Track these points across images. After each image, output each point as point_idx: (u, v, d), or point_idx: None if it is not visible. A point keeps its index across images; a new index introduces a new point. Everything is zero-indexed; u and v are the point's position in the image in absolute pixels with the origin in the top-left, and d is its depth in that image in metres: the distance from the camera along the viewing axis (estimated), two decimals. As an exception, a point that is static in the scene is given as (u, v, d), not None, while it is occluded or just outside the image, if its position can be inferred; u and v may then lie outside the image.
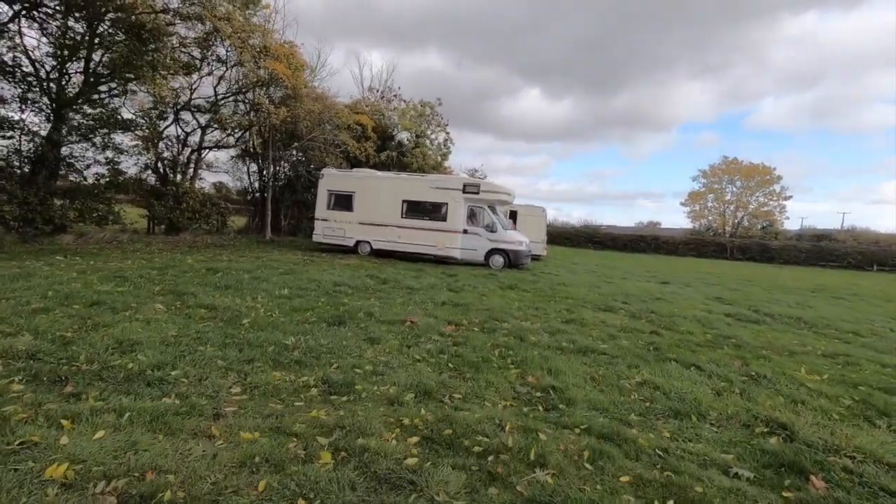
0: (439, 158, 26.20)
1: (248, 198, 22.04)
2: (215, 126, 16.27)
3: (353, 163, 21.59)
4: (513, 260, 15.75)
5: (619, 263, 25.41)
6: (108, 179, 14.41)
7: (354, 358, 4.88)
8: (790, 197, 50.52)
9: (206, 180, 18.77)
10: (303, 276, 9.90)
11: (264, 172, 21.07)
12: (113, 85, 14.41)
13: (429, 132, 25.61)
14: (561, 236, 41.76)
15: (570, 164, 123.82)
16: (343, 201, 17.26)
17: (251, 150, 21.36)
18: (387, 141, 24.79)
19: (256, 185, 21.80)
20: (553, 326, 6.93)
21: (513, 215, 21.44)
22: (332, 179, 17.39)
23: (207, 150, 17.93)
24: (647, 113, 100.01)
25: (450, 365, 4.95)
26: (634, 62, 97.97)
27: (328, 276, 10.20)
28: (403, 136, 25.02)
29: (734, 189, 52.90)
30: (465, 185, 15.86)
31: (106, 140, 14.96)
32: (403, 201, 16.48)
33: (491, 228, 15.82)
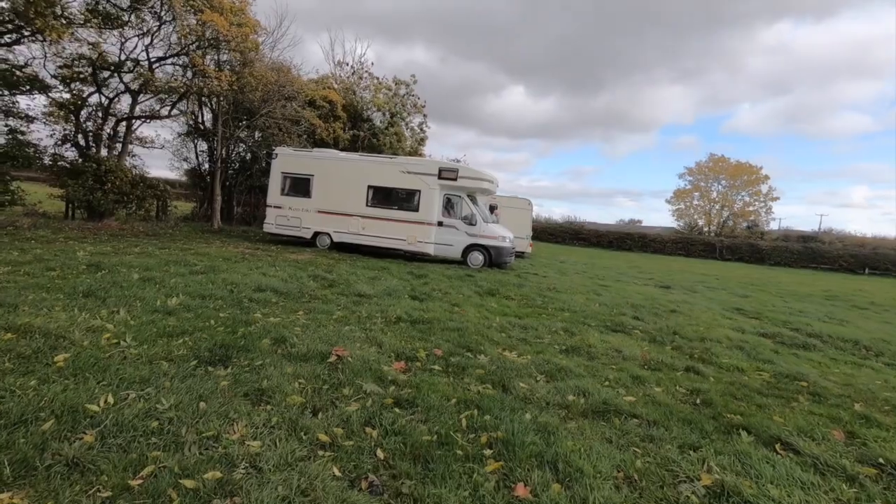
0: (416, 144, 23.86)
1: (197, 181, 19.39)
2: (142, 91, 13.64)
3: (320, 145, 19.17)
4: (494, 257, 13.62)
5: (609, 262, 23.57)
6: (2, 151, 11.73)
7: (201, 447, 2.65)
8: (777, 198, 49.70)
9: (140, 157, 16.10)
10: (220, 277, 7.57)
11: (215, 153, 18.46)
12: (12, 36, 11.72)
13: (404, 113, 23.22)
14: (545, 232, 39.92)
15: (551, 161, 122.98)
16: (299, 186, 14.87)
17: (201, 126, 18.71)
18: (358, 121, 22.36)
19: (207, 167, 19.15)
20: (550, 362, 4.78)
21: (495, 208, 19.32)
22: (287, 160, 14.96)
23: (140, 122, 15.28)
24: (626, 114, 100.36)
25: (378, 455, 2.76)
26: (615, 65, 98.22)
27: (256, 277, 7.88)
28: (376, 117, 22.59)
29: (720, 188, 51.93)
30: (440, 170, 13.62)
31: (8, 104, 12.28)
32: (369, 187, 14.17)
33: (470, 221, 13.65)
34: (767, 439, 3.48)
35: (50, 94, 13.78)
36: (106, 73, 14.05)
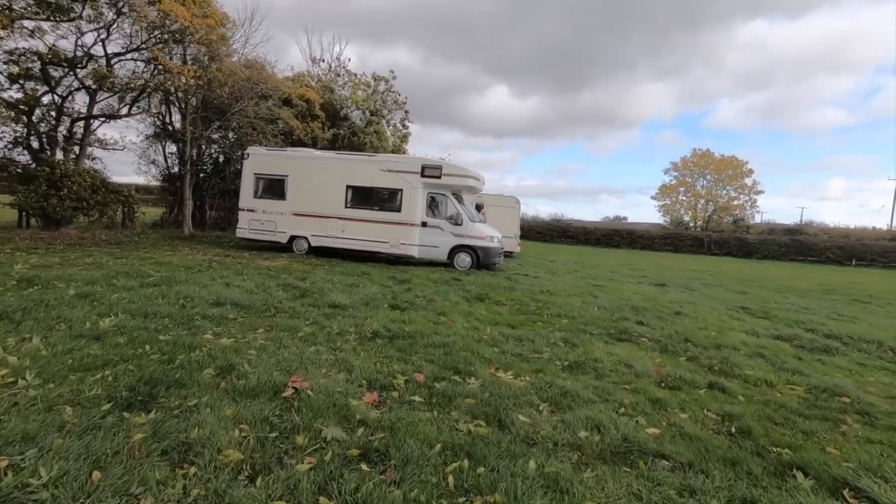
0: (398, 141, 23.02)
1: (166, 185, 18.30)
2: (99, 88, 12.60)
3: (299, 146, 18.25)
4: (482, 259, 12.89)
5: (599, 260, 23.01)
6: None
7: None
8: (762, 192, 49.84)
9: (101, 161, 14.97)
10: (175, 290, 6.69)
11: (185, 155, 17.43)
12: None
13: (384, 111, 22.37)
14: (532, 230, 39.33)
15: (537, 160, 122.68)
16: (273, 187, 13.97)
17: (169, 127, 17.66)
18: (337, 120, 21.46)
19: (176, 170, 18.09)
20: (553, 384, 4.03)
21: (481, 207, 18.60)
22: (260, 160, 14.05)
23: (100, 123, 14.21)
24: (610, 111, 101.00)
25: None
26: (598, 63, 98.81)
27: (217, 288, 7.03)
28: (355, 115, 21.72)
29: (705, 182, 51.93)
30: (423, 168, 12.84)
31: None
32: (348, 187, 13.33)
33: (455, 221, 12.89)
34: (831, 483, 2.78)
35: (-1, 94, 12.70)
36: (58, 70, 13.00)
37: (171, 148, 18.08)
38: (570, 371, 4.52)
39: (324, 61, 22.52)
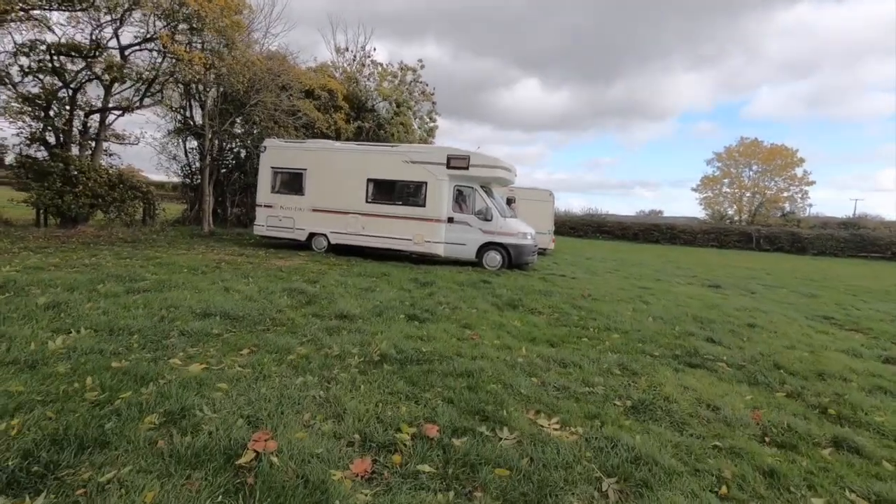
0: (425, 134, 22.02)
1: (188, 181, 17.88)
2: (111, 78, 12.06)
3: (320, 138, 17.51)
4: (514, 258, 11.74)
5: (639, 257, 21.44)
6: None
7: None
8: (813, 182, 46.45)
9: (118, 156, 14.53)
10: (163, 297, 5.88)
11: (205, 149, 16.93)
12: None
13: (411, 102, 21.38)
14: (565, 225, 37.70)
15: (566, 153, 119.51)
16: (291, 181, 13.20)
17: (191, 122, 17.20)
18: (361, 112, 20.63)
19: (198, 165, 17.63)
20: (616, 442, 2.92)
21: (512, 200, 17.42)
22: (277, 153, 13.30)
23: (115, 116, 13.77)
24: (643, 102, 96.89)
25: None
26: (631, 53, 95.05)
27: (211, 295, 6.18)
28: (381, 107, 20.82)
29: (751, 174, 48.88)
30: (449, 158, 11.78)
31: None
32: (369, 181, 12.42)
33: (485, 216, 11.78)
34: None
35: (16, 88, 12.36)
36: (75, 63, 12.56)
37: (193, 143, 17.63)
38: (636, 415, 3.39)
39: (348, 50, 21.71)
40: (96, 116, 13.45)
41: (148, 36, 12.84)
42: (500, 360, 4.42)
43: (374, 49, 21.15)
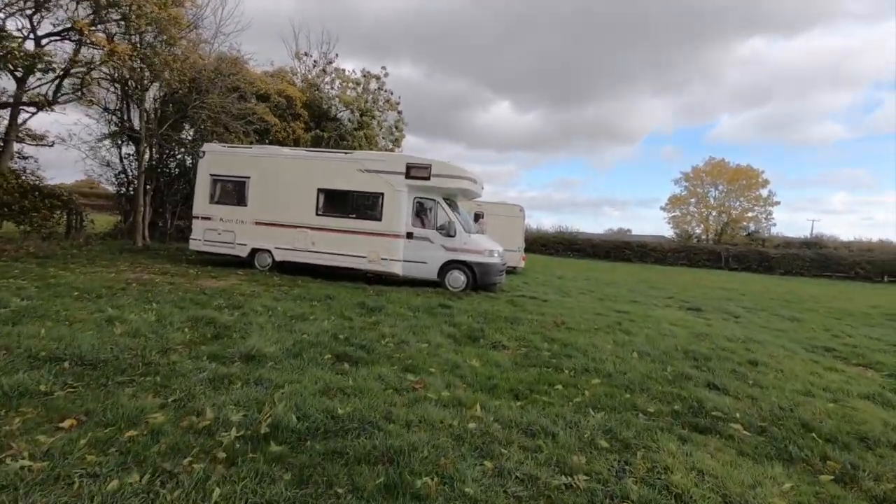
0: (390, 144, 20.90)
1: (122, 191, 16.09)
2: (23, 69, 10.44)
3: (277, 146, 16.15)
4: (479, 277, 10.59)
5: (611, 276, 20.68)
6: None
7: None
8: (778, 203, 47.44)
9: (33, 159, 12.75)
10: (15, 331, 4.45)
11: (146, 156, 15.29)
12: None
13: (375, 111, 20.26)
14: (537, 243, 37.00)
15: (538, 173, 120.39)
16: (233, 191, 11.79)
17: (126, 124, 15.55)
18: (323, 121, 19.37)
19: (135, 173, 15.92)
20: None
21: (480, 216, 16.39)
22: (218, 159, 11.88)
23: (31, 114, 12.06)
24: (611, 125, 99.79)
25: None
26: (599, 78, 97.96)
27: (81, 329, 4.77)
28: (344, 115, 19.62)
29: (717, 193, 49.67)
30: (409, 167, 10.63)
31: None
32: (320, 191, 11.14)
33: (448, 231, 10.62)
34: None
35: None
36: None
37: (131, 149, 15.94)
38: (639, 533, 2.21)
39: (309, 55, 20.49)
40: (5, 113, 11.74)
41: (69, 25, 11.31)
42: (444, 426, 3.20)
43: (337, 55, 19.75)
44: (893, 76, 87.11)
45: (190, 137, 16.64)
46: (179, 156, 16.57)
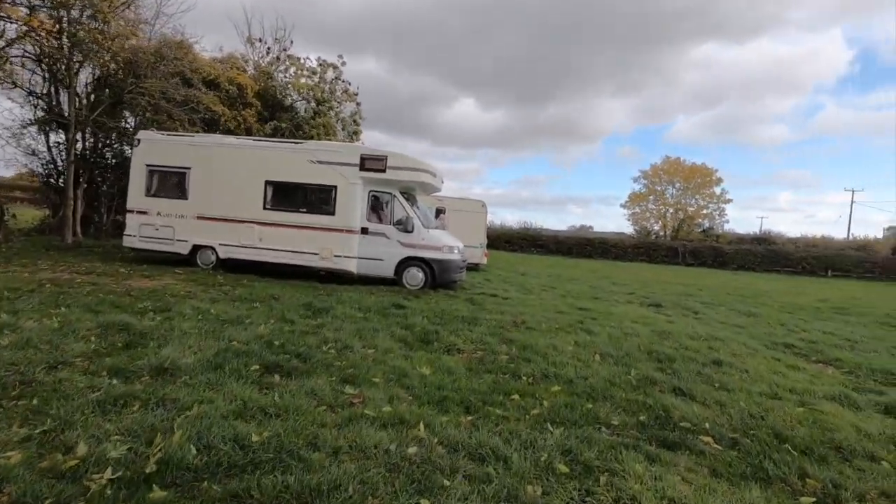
0: (349, 138, 20.11)
1: (52, 182, 14.70)
2: None
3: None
4: (438, 275, 10.13)
5: (574, 272, 20.68)
6: None
7: None
8: (730, 200, 49.20)
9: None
10: None
11: (78, 145, 14.03)
12: None
13: (333, 101, 19.44)
14: (500, 239, 36.93)
15: (503, 170, 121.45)
16: (171, 183, 10.87)
17: (56, 111, 14.22)
18: (277, 111, 18.42)
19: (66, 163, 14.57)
20: None
21: (442, 211, 15.94)
22: (155, 148, 10.93)
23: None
24: (573, 125, 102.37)
25: None
26: (561, 78, 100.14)
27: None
28: (300, 105, 18.71)
29: (674, 191, 51.06)
30: (363, 159, 10.04)
31: None
32: (268, 183, 10.39)
33: (405, 227, 10.09)
34: None
35: None
36: None
37: (61, 137, 14.58)
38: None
39: (262, 42, 19.40)
40: None
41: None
42: (378, 453, 2.71)
43: (292, 42, 18.68)
44: (834, 82, 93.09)
45: (132, 126, 15.42)
46: (117, 145, 15.32)
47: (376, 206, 10.32)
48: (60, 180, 14.35)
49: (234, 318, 5.84)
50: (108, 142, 15.14)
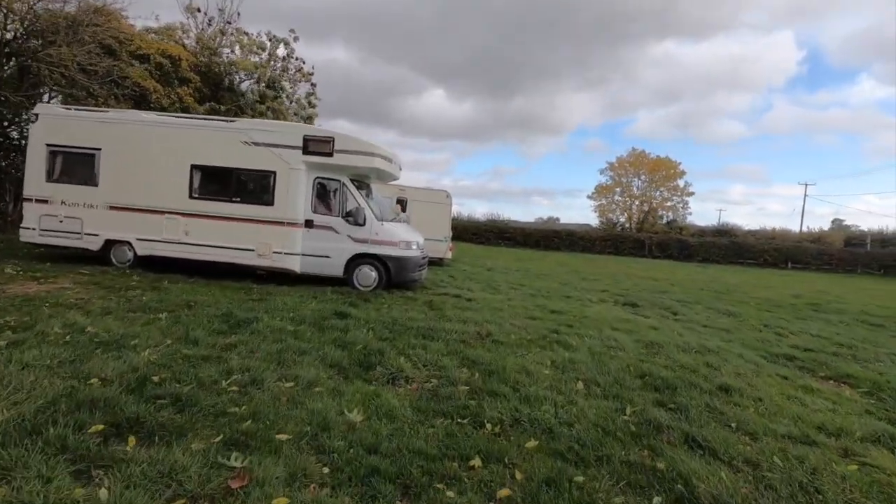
0: (302, 122, 18.48)
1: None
2: None
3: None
4: (394, 273, 8.93)
5: (543, 266, 19.89)
6: None
7: None
8: (693, 193, 49.84)
9: None
10: None
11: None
12: None
13: (284, 81, 17.76)
14: (468, 231, 35.98)
15: (472, 162, 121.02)
16: (78, 167, 9.22)
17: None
18: (220, 91, 16.63)
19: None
20: None
21: (403, 202, 14.70)
22: (56, 124, 9.23)
23: None
24: (541, 118, 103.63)
25: None
26: (528, 72, 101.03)
27: None
28: (246, 86, 16.98)
29: (640, 183, 51.33)
30: (306, 141, 8.68)
31: None
32: (194, 168, 8.92)
33: (356, 219, 8.81)
34: None
35: None
36: None
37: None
38: None
39: (202, 12, 17.42)
40: None
41: None
42: None
43: (239, 14, 16.81)
44: (783, 81, 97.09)
45: (44, 101, 13.43)
46: (25, 123, 13.32)
47: (323, 196, 9.00)
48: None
49: (116, 338, 4.48)
50: (13, 119, 13.12)
